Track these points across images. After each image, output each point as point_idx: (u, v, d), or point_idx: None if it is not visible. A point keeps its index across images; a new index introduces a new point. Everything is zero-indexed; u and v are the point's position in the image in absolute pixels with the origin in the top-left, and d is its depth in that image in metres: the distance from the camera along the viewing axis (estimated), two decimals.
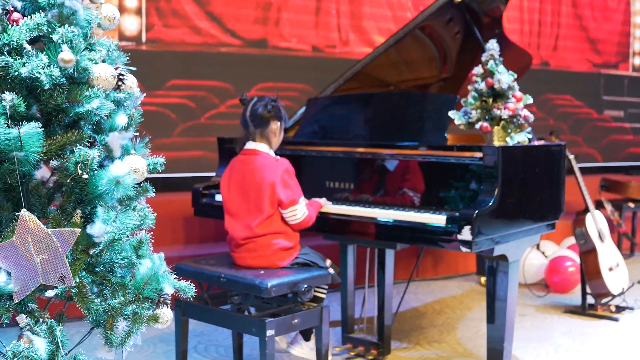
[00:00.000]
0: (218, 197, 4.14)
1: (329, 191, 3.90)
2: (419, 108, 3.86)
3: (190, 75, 5.84)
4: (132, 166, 2.36)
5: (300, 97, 5.87)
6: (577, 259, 5.31)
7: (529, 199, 3.57)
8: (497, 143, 3.54)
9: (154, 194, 2.62)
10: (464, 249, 3.21)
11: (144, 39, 5.66)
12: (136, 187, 2.56)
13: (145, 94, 2.63)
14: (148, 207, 2.64)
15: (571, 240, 6.01)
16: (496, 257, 3.49)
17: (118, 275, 2.43)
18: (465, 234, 3.18)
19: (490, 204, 3.24)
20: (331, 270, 3.53)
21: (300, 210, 3.45)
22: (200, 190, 4.24)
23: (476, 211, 3.18)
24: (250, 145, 3.52)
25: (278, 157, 3.52)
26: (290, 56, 6.28)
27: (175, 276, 2.48)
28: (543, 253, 5.90)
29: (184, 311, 3.56)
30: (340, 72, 4.54)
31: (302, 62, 6.32)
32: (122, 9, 5.51)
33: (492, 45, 3.65)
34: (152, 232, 2.59)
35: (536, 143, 3.79)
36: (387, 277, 3.99)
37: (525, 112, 3.59)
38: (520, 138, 3.56)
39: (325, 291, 3.68)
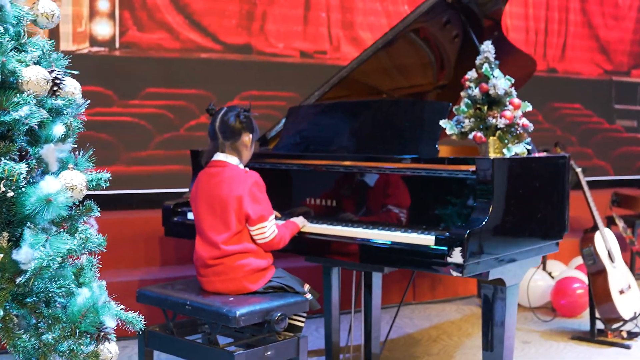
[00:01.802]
0: (190, 216, 3.94)
1: (311, 208, 3.70)
2: (407, 117, 3.66)
3: (167, 83, 5.65)
4: (67, 182, 2.16)
5: (287, 106, 5.64)
6: (586, 280, 5.09)
7: (528, 216, 3.37)
8: (492, 155, 3.33)
9: (98, 214, 2.43)
10: (454, 273, 3.00)
11: (117, 44, 5.48)
12: (78, 206, 2.37)
13: (88, 101, 2.43)
14: (92, 227, 2.44)
15: (580, 259, 5.79)
16: (492, 281, 3.28)
17: (58, 305, 2.23)
18: (456, 256, 2.97)
19: (484, 222, 3.03)
20: (309, 296, 3.33)
21: (270, 229, 3.26)
22: (171, 208, 4.04)
23: (468, 231, 2.97)
24: (218, 156, 3.34)
25: (247, 169, 3.33)
26: (276, 62, 6.08)
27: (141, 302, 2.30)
28: (549, 274, 5.68)
29: (147, 342, 3.36)
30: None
31: (290, 69, 6.12)
32: (93, 11, 5.34)
33: (487, 47, 3.44)
34: (123, 252, 2.40)
35: (537, 155, 3.59)
36: (374, 301, 3.79)
37: (523, 121, 3.38)
38: (519, 149, 3.35)
39: (303, 319, 3.46)
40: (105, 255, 5.01)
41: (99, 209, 2.41)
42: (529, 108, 3.41)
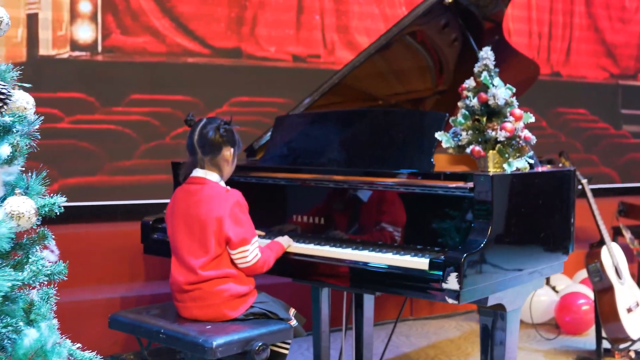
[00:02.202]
0: None
1: (297, 225, 3.49)
2: (401, 128, 3.43)
3: (153, 89, 5.42)
4: (12, 210, 1.94)
5: (279, 113, 5.43)
6: (592, 296, 4.87)
7: (531, 236, 3.15)
8: (492, 170, 3.10)
9: (53, 241, 2.22)
10: (450, 300, 2.77)
11: (99, 48, 5.25)
12: (30, 233, 2.15)
13: (42, 117, 2.22)
14: (52, 254, 2.23)
15: (585, 272, 5.57)
16: (492, 307, 3.06)
17: (9, 344, 2.02)
18: (452, 282, 2.74)
19: (482, 245, 2.81)
20: (294, 323, 3.11)
21: (252, 252, 3.03)
22: (150, 224, 3.82)
23: (464, 254, 2.74)
24: (197, 172, 3.12)
25: (229, 187, 3.11)
26: (268, 67, 5.85)
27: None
28: (553, 288, 5.46)
29: None
30: None
31: (282, 74, 5.89)
32: (74, 13, 5.11)
33: (486, 54, 3.21)
34: (105, 267, 2.18)
35: (540, 169, 3.36)
36: (366, 319, 3.57)
37: (525, 133, 3.15)
38: (520, 164, 3.12)
39: (288, 345, 3.24)
40: (86, 270, 4.80)
41: (53, 236, 2.19)
42: (532, 119, 3.18)
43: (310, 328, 4.05)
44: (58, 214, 2.14)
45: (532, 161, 3.21)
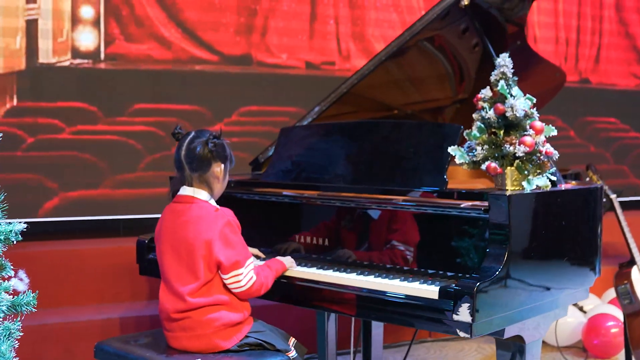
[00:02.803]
0: None
1: (299, 248, 3.28)
2: (412, 142, 3.20)
3: (158, 98, 5.29)
4: None
5: (291, 123, 5.26)
6: (622, 317, 4.61)
7: (552, 262, 2.91)
8: (509, 189, 2.86)
9: (11, 271, 2.02)
10: (462, 334, 2.54)
11: (102, 55, 5.13)
12: None
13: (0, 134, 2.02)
14: (21, 282, 2.05)
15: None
16: (509, 339, 2.82)
17: None
18: (463, 314, 2.51)
19: (498, 272, 2.58)
20: (292, 354, 2.89)
21: (246, 276, 2.81)
22: (146, 243, 3.62)
23: (478, 283, 2.50)
24: (185, 190, 2.91)
25: (218, 206, 2.89)
26: (279, 74, 5.69)
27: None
28: (581, 308, 5.20)
29: None
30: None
31: (294, 82, 5.73)
32: (75, 19, 4.99)
33: (504, 61, 2.97)
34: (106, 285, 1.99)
35: (563, 186, 3.11)
36: (375, 342, 3.37)
37: (547, 148, 2.90)
38: (541, 182, 2.88)
39: None
40: (86, 288, 4.62)
41: (12, 265, 1.99)
42: (554, 132, 2.93)
43: (315, 351, 3.86)
44: (15, 242, 1.94)
45: (554, 178, 2.97)
